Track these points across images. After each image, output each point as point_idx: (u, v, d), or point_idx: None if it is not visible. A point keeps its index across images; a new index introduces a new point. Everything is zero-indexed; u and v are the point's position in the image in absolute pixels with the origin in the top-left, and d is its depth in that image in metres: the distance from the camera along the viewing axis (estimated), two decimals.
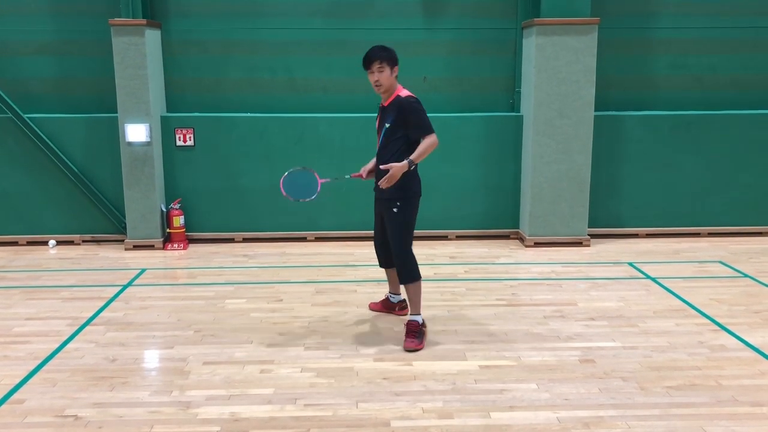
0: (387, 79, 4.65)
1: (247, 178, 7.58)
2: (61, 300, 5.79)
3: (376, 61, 4.61)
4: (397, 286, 5.29)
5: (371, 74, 4.67)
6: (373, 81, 4.67)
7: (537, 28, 7.02)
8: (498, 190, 7.70)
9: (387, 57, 4.64)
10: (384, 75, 4.63)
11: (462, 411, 3.88)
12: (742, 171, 7.71)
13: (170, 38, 7.49)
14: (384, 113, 4.78)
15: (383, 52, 4.64)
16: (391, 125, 4.69)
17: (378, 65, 4.61)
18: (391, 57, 4.66)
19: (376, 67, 4.62)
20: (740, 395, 4.04)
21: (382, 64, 4.61)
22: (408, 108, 4.64)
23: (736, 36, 7.65)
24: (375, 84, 4.68)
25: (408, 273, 4.83)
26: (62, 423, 3.76)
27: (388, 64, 4.64)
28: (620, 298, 5.76)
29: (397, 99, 4.70)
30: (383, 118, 4.79)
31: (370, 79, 4.69)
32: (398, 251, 4.82)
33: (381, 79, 4.64)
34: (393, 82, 4.71)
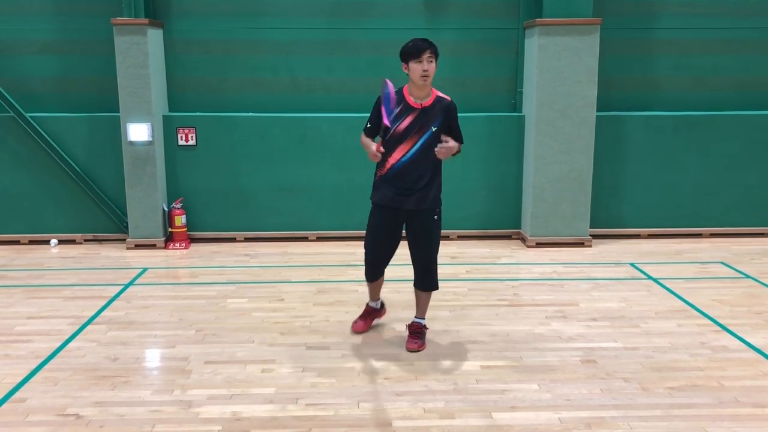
0: (434, 71, 4.37)
1: (248, 178, 7.58)
2: (63, 299, 5.79)
3: (428, 50, 4.33)
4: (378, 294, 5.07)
5: (419, 63, 4.30)
6: (422, 70, 4.30)
7: (539, 29, 7.01)
8: (500, 190, 7.69)
9: (436, 50, 4.39)
10: (432, 66, 4.35)
11: (463, 411, 3.88)
12: (745, 172, 7.70)
13: (172, 38, 7.49)
14: (425, 114, 4.42)
15: (433, 45, 4.38)
16: (438, 128, 4.42)
17: (429, 55, 4.33)
18: (437, 52, 4.41)
19: (427, 57, 4.32)
20: (742, 396, 4.04)
21: (432, 55, 4.35)
22: (455, 112, 4.52)
23: (738, 36, 7.64)
24: (423, 74, 4.31)
25: (435, 281, 4.77)
26: (64, 422, 3.77)
27: (436, 58, 4.39)
28: (622, 299, 5.75)
29: (440, 100, 4.48)
30: (424, 119, 4.42)
31: (417, 68, 4.31)
32: (434, 258, 4.70)
33: (430, 70, 4.34)
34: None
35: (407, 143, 4.44)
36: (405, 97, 4.45)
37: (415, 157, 4.45)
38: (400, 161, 4.46)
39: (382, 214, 4.61)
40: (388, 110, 4.30)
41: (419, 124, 4.42)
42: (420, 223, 4.59)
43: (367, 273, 4.85)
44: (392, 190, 4.52)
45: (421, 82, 4.37)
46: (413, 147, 4.44)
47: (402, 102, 4.43)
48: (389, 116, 4.32)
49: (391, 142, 4.45)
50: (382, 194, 4.58)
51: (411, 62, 4.35)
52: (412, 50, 4.34)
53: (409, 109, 4.43)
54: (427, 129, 4.43)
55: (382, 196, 4.58)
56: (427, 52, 4.32)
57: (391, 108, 4.32)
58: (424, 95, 4.45)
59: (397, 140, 4.44)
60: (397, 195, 4.51)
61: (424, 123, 4.43)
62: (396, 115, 4.41)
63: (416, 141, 4.43)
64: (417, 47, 4.33)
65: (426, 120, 4.43)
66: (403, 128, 4.42)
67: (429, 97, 4.47)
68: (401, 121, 4.42)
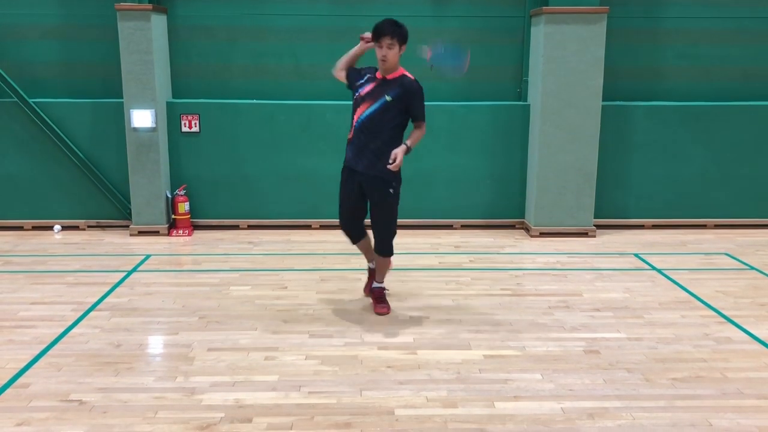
0: (394, 56, 4.60)
1: (252, 165, 7.56)
2: (66, 285, 5.80)
3: (387, 36, 4.52)
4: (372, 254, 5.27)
5: (379, 48, 4.58)
6: (380, 55, 4.58)
7: (545, 17, 6.96)
8: (504, 179, 7.67)
9: (399, 34, 4.56)
10: (392, 52, 4.56)
11: (466, 400, 3.88)
12: (750, 163, 7.66)
13: (176, 23, 7.46)
14: (383, 85, 4.71)
15: (397, 29, 4.56)
16: (392, 100, 4.66)
17: (389, 41, 4.53)
18: (402, 35, 4.58)
19: (386, 42, 4.54)
20: (746, 388, 4.03)
21: (393, 40, 4.53)
22: (416, 92, 4.70)
23: (745, 26, 7.57)
24: (381, 58, 4.59)
25: (390, 247, 5.04)
26: (67, 407, 3.77)
27: (399, 42, 4.56)
28: (626, 290, 5.74)
29: (403, 78, 4.70)
30: (380, 89, 4.70)
31: (377, 53, 4.60)
32: (389, 231, 4.99)
33: (389, 56, 4.56)
34: (397, 61, 4.68)
35: (363, 106, 4.76)
36: (375, 68, 4.80)
37: (366, 120, 4.72)
38: (357, 122, 4.79)
39: (345, 173, 4.94)
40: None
41: (376, 91, 4.72)
42: (375, 194, 4.84)
43: (344, 233, 5.19)
44: (351, 150, 4.85)
45: (380, 65, 4.67)
46: (366, 110, 4.73)
47: (371, 72, 4.81)
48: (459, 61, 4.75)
49: (355, 105, 4.82)
50: (347, 154, 4.90)
51: (375, 44, 4.63)
52: (375, 32, 4.60)
53: (373, 79, 4.78)
54: (381, 97, 4.69)
55: (346, 156, 4.91)
56: (386, 39, 4.53)
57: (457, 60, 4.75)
58: (388, 71, 4.72)
59: (358, 103, 4.80)
60: (354, 156, 4.82)
61: (381, 92, 4.70)
62: (363, 81, 4.80)
63: (370, 105, 4.72)
64: (378, 31, 4.58)
65: (383, 90, 4.70)
66: (364, 93, 4.77)
67: (394, 72, 4.72)
68: (364, 87, 4.78)
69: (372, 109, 4.71)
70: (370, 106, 4.72)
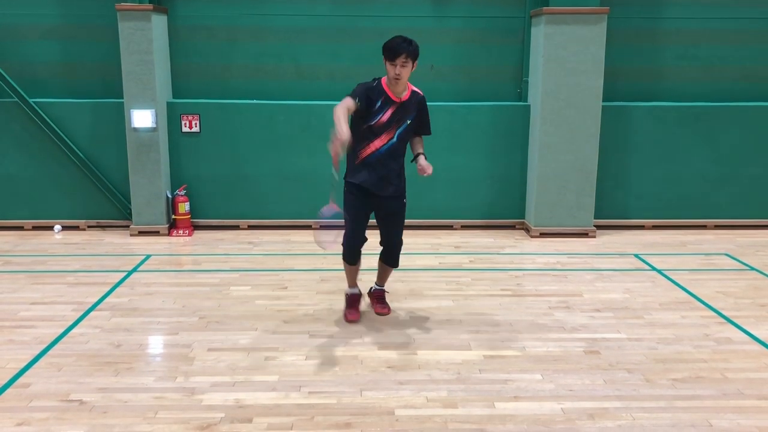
0: (408, 73, 4.55)
1: (252, 165, 7.56)
2: (67, 285, 5.80)
3: (403, 54, 4.46)
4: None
5: (393, 66, 4.49)
6: (394, 73, 4.50)
7: (546, 17, 6.96)
8: (504, 179, 7.67)
9: (413, 53, 4.52)
10: (406, 70, 4.52)
11: (466, 400, 3.88)
12: (750, 163, 7.66)
13: (177, 24, 7.46)
14: (402, 109, 4.65)
15: (411, 47, 4.50)
16: (412, 122, 4.71)
17: (403, 59, 4.47)
18: (416, 54, 4.55)
19: (401, 61, 4.47)
20: (746, 388, 4.03)
21: (407, 59, 4.49)
22: (425, 105, 4.79)
23: (745, 27, 7.57)
24: (395, 77, 4.50)
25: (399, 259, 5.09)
26: (67, 407, 3.77)
27: (412, 60, 4.53)
28: (626, 290, 5.74)
29: (415, 95, 4.72)
30: (401, 114, 4.65)
31: (391, 70, 4.51)
32: (401, 239, 5.00)
33: (403, 74, 4.51)
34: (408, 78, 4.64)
35: (387, 134, 4.65)
36: (385, 90, 4.62)
37: (393, 147, 4.67)
38: (379, 150, 4.65)
39: (361, 195, 4.75)
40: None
41: (398, 116, 4.64)
42: (393, 207, 4.84)
43: (348, 255, 4.94)
44: (374, 175, 4.69)
45: (394, 83, 4.57)
46: (392, 138, 4.66)
47: (383, 95, 4.61)
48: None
49: (371, 132, 4.63)
50: (364, 177, 4.70)
51: (387, 63, 4.53)
52: (388, 52, 4.51)
53: (390, 102, 4.62)
54: (404, 122, 4.67)
55: (364, 179, 4.70)
56: (401, 57, 4.46)
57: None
58: (401, 90, 4.64)
59: (379, 131, 4.63)
60: (378, 181, 4.70)
61: (402, 116, 4.66)
62: (379, 106, 4.59)
63: (395, 132, 4.66)
64: (392, 50, 4.49)
65: (403, 113, 4.66)
66: (384, 120, 4.62)
67: (406, 92, 4.67)
68: (383, 114, 4.61)
69: (397, 135, 4.67)
70: (395, 133, 4.66)
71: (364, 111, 4.57)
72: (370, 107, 4.58)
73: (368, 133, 4.64)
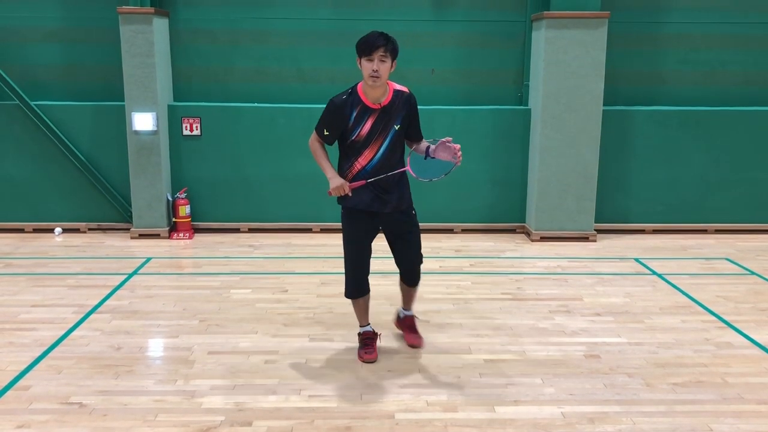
0: (387, 71, 3.99)
1: (253, 168, 7.57)
2: (67, 287, 5.80)
3: (380, 49, 3.93)
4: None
5: (370, 62, 3.94)
6: (371, 69, 3.94)
7: (546, 21, 6.97)
8: (505, 183, 7.67)
9: (392, 48, 3.99)
10: (385, 66, 3.96)
11: (466, 404, 3.88)
12: (751, 168, 7.67)
13: (178, 27, 7.47)
14: (385, 114, 4.09)
15: (389, 43, 3.98)
16: (400, 125, 4.13)
17: (381, 54, 3.94)
18: (395, 49, 4.02)
19: (378, 55, 3.93)
20: (746, 393, 4.03)
21: (386, 53, 3.95)
22: (415, 105, 4.21)
23: (746, 32, 7.58)
24: (372, 74, 3.94)
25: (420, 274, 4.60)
26: (67, 410, 3.78)
27: (391, 56, 4.00)
28: (626, 294, 5.74)
29: (399, 96, 4.13)
30: (385, 119, 4.09)
31: (367, 67, 3.96)
32: (421, 255, 4.52)
33: (381, 70, 3.94)
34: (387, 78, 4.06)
35: (372, 147, 4.12)
36: (361, 98, 4.08)
37: (383, 160, 4.13)
38: (366, 168, 4.14)
39: (360, 220, 4.25)
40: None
41: (381, 125, 4.10)
42: (401, 224, 4.34)
43: (352, 290, 4.38)
44: (366, 195, 4.17)
45: (371, 83, 3.99)
46: (378, 150, 4.13)
47: (358, 104, 4.07)
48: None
49: (354, 148, 4.15)
50: (357, 199, 4.18)
51: (363, 59, 3.99)
52: (364, 46, 3.98)
53: (368, 110, 4.08)
54: (389, 129, 4.11)
55: (357, 201, 4.19)
56: (380, 50, 3.94)
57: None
58: (380, 94, 4.07)
59: (361, 146, 4.12)
60: (374, 199, 4.18)
61: (386, 123, 4.10)
62: (355, 119, 4.08)
63: (381, 143, 4.12)
64: (369, 43, 3.95)
65: (387, 120, 4.10)
66: (365, 133, 4.09)
67: (386, 95, 4.10)
68: (362, 126, 4.08)
69: (384, 147, 4.12)
70: (381, 146, 4.12)
71: (342, 130, 4.12)
72: (345, 124, 4.09)
73: (350, 151, 4.16)
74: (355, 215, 4.26)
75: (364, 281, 4.39)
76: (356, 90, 4.12)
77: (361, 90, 4.10)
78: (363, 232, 4.29)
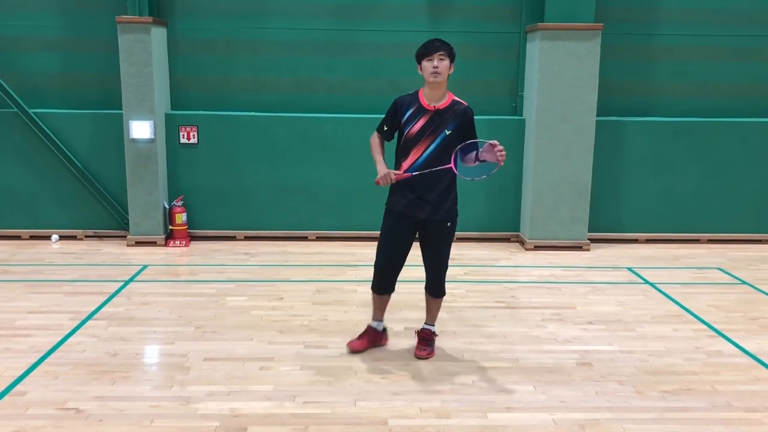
0: (446, 70, 4.24)
1: (250, 177, 7.62)
2: (64, 294, 5.83)
3: (439, 49, 4.22)
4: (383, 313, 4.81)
5: (429, 60, 4.21)
6: (432, 67, 4.18)
7: (541, 33, 7.05)
8: (499, 193, 7.73)
9: (450, 50, 4.28)
10: (444, 64, 4.22)
11: (459, 411, 3.92)
12: (743, 178, 7.74)
13: (176, 36, 7.53)
14: (438, 117, 4.28)
15: (446, 45, 4.27)
16: (452, 132, 4.29)
17: (440, 54, 4.21)
18: (452, 51, 4.29)
19: (437, 55, 4.20)
20: (735, 401, 4.08)
21: (444, 54, 4.23)
22: (472, 117, 4.39)
23: (738, 44, 7.68)
24: (433, 71, 4.19)
25: (443, 288, 4.68)
26: (63, 416, 3.80)
27: (449, 57, 4.26)
28: (619, 303, 5.79)
29: (456, 104, 4.35)
30: (437, 121, 4.28)
31: (428, 67, 4.22)
32: (446, 267, 4.62)
33: (441, 67, 4.19)
34: (447, 79, 4.30)
35: (420, 147, 4.30)
36: (419, 98, 4.35)
37: (428, 161, 4.27)
38: (412, 166, 4.31)
39: (395, 220, 4.44)
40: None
41: (432, 126, 4.29)
42: (434, 232, 4.45)
43: (375, 283, 4.60)
44: (406, 196, 4.35)
45: (432, 79, 4.23)
46: (425, 151, 4.29)
47: (415, 103, 4.33)
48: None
49: (405, 145, 4.35)
50: (395, 200, 4.42)
51: (423, 61, 4.26)
52: (424, 50, 4.27)
53: (422, 110, 4.31)
54: (440, 132, 4.28)
55: (395, 202, 4.42)
56: (439, 51, 4.22)
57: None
58: (438, 97, 4.31)
59: (410, 143, 4.32)
60: (410, 203, 4.35)
61: (438, 126, 4.29)
62: (409, 116, 4.32)
63: (429, 144, 4.29)
64: (428, 46, 4.26)
65: (440, 123, 4.29)
66: (416, 131, 4.29)
67: (444, 100, 4.33)
68: (414, 123, 4.30)
69: (431, 148, 4.28)
70: (429, 145, 4.28)
71: (398, 126, 4.37)
72: (400, 118, 4.34)
73: (404, 146, 4.35)
74: (392, 216, 4.47)
75: (388, 281, 4.59)
76: (417, 92, 4.41)
77: (421, 93, 4.38)
78: (397, 233, 4.46)
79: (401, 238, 4.48)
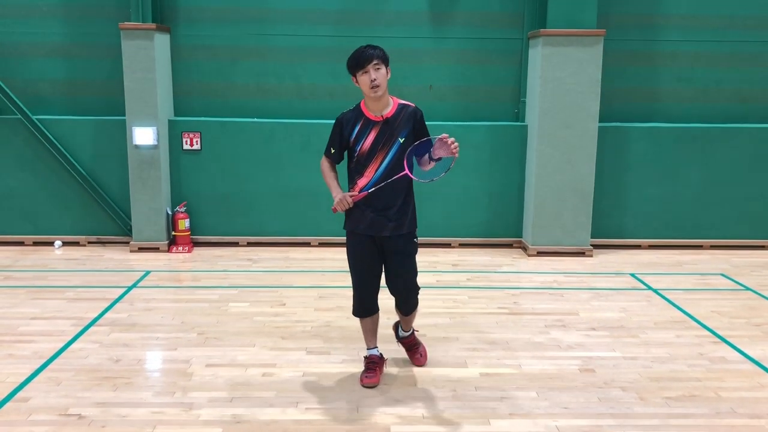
0: (384, 78, 3.96)
1: (252, 183, 7.63)
2: (66, 300, 5.83)
3: (372, 59, 3.91)
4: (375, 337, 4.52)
5: (365, 74, 3.92)
6: (370, 81, 3.91)
7: (543, 39, 7.06)
8: (502, 198, 7.73)
9: (382, 55, 3.97)
10: (381, 73, 3.94)
11: (462, 417, 3.91)
12: (746, 184, 7.73)
13: (179, 43, 7.56)
14: (388, 126, 4.03)
15: (377, 50, 3.96)
16: (406, 139, 4.04)
17: (375, 63, 3.92)
18: (385, 55, 4.00)
19: (373, 65, 3.91)
20: (739, 407, 4.06)
21: (378, 61, 3.93)
22: (422, 118, 4.13)
23: (741, 50, 7.68)
24: (372, 84, 3.91)
25: (416, 301, 4.45)
26: (66, 422, 3.80)
27: (384, 63, 3.97)
28: (622, 309, 5.78)
29: (403, 108, 4.09)
30: (387, 132, 4.03)
31: (364, 80, 3.93)
32: (415, 283, 4.38)
33: (379, 78, 3.91)
34: (386, 86, 4.01)
35: (375, 162, 4.04)
36: (363, 111, 4.07)
37: (385, 175, 4.03)
38: (370, 182, 4.05)
39: (360, 241, 4.19)
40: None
41: (384, 137, 4.03)
42: (397, 250, 4.20)
43: (357, 309, 4.35)
44: (366, 215, 4.11)
45: (372, 94, 3.96)
46: (381, 164, 4.04)
47: (360, 118, 4.06)
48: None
49: (359, 163, 4.08)
50: (355, 221, 4.15)
51: (358, 74, 3.97)
52: (357, 61, 3.96)
53: (370, 123, 4.04)
54: (394, 141, 4.03)
55: (356, 224, 4.16)
56: (372, 61, 3.92)
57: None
58: (382, 106, 4.04)
59: (364, 160, 4.05)
60: (372, 221, 4.11)
61: (390, 136, 4.03)
62: (358, 133, 4.05)
63: (384, 157, 4.04)
64: (361, 57, 3.94)
65: (391, 132, 4.04)
66: (368, 146, 4.03)
67: (389, 107, 4.07)
68: (364, 139, 4.03)
69: (388, 160, 4.03)
70: (384, 158, 4.04)
71: (347, 145, 4.09)
72: (347, 137, 4.06)
73: (358, 164, 4.09)
74: (356, 238, 4.21)
75: (370, 301, 4.33)
76: (359, 105, 4.13)
77: (363, 105, 4.11)
78: (365, 254, 4.21)
79: (371, 260, 4.23)
